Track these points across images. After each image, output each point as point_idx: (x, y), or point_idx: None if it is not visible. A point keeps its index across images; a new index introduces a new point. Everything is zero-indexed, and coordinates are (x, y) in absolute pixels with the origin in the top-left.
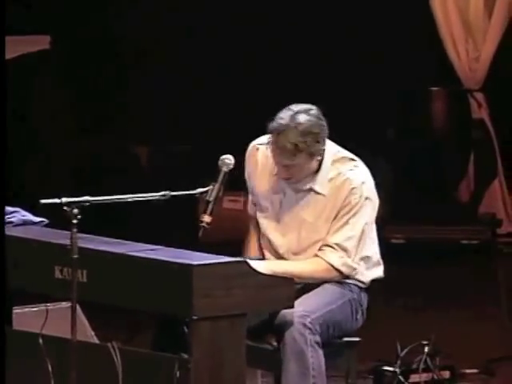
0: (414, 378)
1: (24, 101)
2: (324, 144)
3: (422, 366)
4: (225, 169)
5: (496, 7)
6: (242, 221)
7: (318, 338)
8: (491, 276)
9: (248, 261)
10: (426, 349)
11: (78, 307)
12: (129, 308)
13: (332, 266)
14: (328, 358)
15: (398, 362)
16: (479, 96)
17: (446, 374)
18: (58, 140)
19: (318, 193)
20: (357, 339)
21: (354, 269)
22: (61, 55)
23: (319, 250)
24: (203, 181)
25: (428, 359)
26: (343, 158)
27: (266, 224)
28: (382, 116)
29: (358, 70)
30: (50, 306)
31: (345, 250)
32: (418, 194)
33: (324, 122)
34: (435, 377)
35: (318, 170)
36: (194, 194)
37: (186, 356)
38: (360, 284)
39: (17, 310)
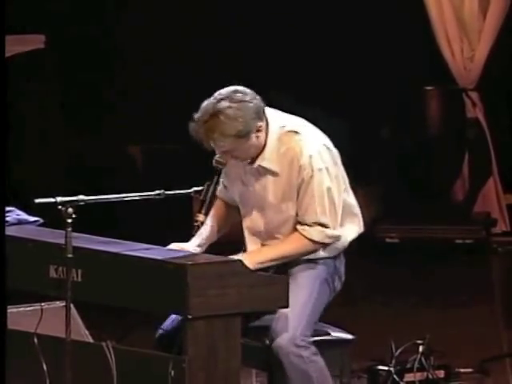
0: (408, 377)
1: (17, 100)
2: (256, 122)
3: (416, 365)
4: (219, 168)
5: (491, 6)
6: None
7: (313, 349)
8: (486, 275)
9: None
10: (421, 348)
11: (72, 306)
12: (123, 307)
13: (314, 241)
14: (322, 356)
15: (393, 361)
16: (474, 95)
17: (441, 374)
18: (51, 139)
19: (268, 170)
20: (351, 337)
21: (337, 236)
22: (54, 55)
23: (299, 225)
24: (197, 180)
25: (423, 358)
26: (288, 132)
27: (241, 206)
28: (377, 115)
29: (352, 70)
30: (45, 305)
31: (323, 224)
32: (413, 194)
33: (249, 101)
34: (430, 376)
35: (263, 149)
36: (189, 193)
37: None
38: (335, 253)
39: (11, 310)
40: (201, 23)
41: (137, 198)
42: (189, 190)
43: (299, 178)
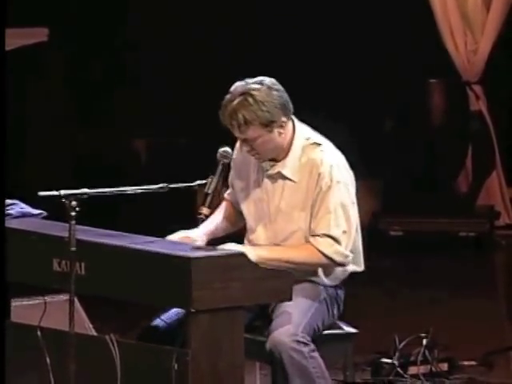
0: (412, 370)
1: (22, 94)
2: (282, 115)
3: (420, 358)
4: (223, 161)
5: (494, 0)
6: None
7: (312, 346)
8: (489, 268)
9: (239, 246)
10: (424, 341)
11: (75, 300)
12: (127, 301)
13: (324, 254)
14: (326, 350)
15: (397, 354)
16: (477, 88)
17: (445, 366)
18: (56, 133)
19: (287, 178)
20: (355, 331)
21: (347, 256)
22: (59, 48)
23: (310, 237)
24: (202, 174)
25: (426, 351)
26: (312, 144)
27: (247, 215)
28: (380, 108)
29: (355, 63)
30: (48, 298)
31: (333, 238)
32: (416, 186)
33: (278, 92)
34: (433, 369)
35: (287, 154)
36: (193, 186)
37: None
38: (336, 282)
39: (15, 303)
40: (207, 20)
41: (140, 192)
42: (192, 183)
43: (317, 187)
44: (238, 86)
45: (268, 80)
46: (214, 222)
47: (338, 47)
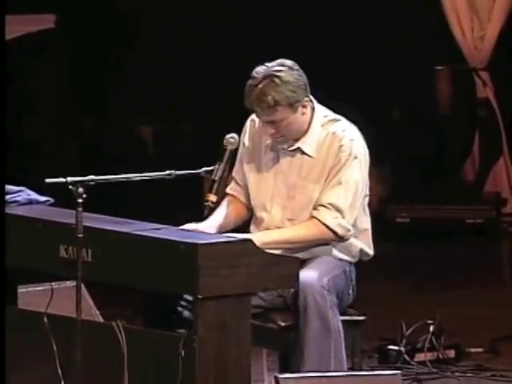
0: (419, 357)
1: (28, 80)
2: (304, 94)
3: (427, 345)
4: (230, 148)
5: None
6: None
7: (335, 299)
8: (496, 255)
9: (240, 235)
10: (431, 328)
11: (82, 286)
12: (134, 287)
13: (326, 226)
14: None
15: (403, 341)
16: (484, 75)
17: (451, 353)
18: (63, 119)
19: (306, 154)
20: (362, 318)
21: (349, 230)
22: (64, 34)
23: (313, 209)
24: (209, 160)
25: (433, 338)
26: (331, 120)
27: (260, 197)
28: (387, 95)
29: (363, 50)
30: (55, 285)
31: (339, 209)
32: (423, 173)
33: (299, 72)
34: (440, 356)
35: (307, 131)
36: (199, 173)
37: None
38: (349, 258)
39: (22, 289)
40: (216, 10)
41: (147, 178)
42: (199, 170)
43: (336, 158)
44: (259, 70)
45: (287, 61)
46: (222, 214)
47: (346, 35)
